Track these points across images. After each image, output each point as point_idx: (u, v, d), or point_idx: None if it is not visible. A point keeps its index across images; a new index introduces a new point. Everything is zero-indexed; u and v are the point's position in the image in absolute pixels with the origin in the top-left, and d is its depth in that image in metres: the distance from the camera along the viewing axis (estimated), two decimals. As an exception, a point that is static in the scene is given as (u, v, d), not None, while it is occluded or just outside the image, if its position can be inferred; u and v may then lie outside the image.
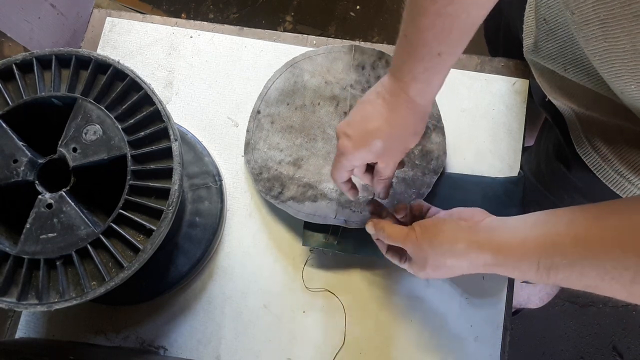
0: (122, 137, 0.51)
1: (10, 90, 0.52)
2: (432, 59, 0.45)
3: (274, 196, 0.66)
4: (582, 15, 0.44)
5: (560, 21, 0.54)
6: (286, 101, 0.69)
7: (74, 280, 0.48)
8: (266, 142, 0.68)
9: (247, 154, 0.68)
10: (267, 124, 0.68)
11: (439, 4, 0.41)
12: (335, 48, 0.70)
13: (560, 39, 0.55)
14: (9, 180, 0.49)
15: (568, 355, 1.41)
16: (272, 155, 0.67)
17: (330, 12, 1.65)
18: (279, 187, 0.66)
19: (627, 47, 0.40)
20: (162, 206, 0.49)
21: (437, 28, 0.43)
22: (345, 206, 0.65)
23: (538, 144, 0.73)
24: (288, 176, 0.66)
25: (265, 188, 0.66)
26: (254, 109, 0.69)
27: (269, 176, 0.66)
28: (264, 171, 0.67)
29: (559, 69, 0.56)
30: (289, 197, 0.65)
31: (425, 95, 0.48)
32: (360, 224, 0.64)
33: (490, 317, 0.66)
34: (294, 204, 0.65)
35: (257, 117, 0.68)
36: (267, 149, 0.67)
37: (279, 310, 0.67)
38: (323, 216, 0.64)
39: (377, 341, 0.66)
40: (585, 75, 0.52)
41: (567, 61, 0.54)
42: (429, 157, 0.66)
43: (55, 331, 0.67)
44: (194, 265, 0.66)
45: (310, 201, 0.65)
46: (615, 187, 0.54)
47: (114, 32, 0.77)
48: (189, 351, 0.66)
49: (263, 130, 0.68)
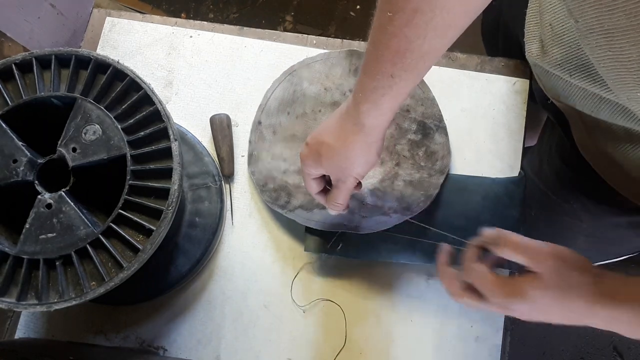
0: (121, 137, 0.51)
1: (10, 90, 0.52)
2: (383, 79, 0.42)
3: (281, 206, 0.65)
4: (585, 24, 0.43)
5: (566, 27, 0.53)
6: (287, 110, 0.69)
7: (73, 280, 0.48)
8: (269, 153, 0.67)
9: (251, 166, 0.67)
10: (269, 134, 0.68)
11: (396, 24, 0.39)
12: (333, 54, 0.70)
13: (566, 45, 0.54)
14: (8, 180, 0.49)
15: (568, 355, 1.41)
16: (276, 165, 0.67)
17: (330, 12, 1.65)
18: (286, 197, 0.65)
19: (633, 57, 0.39)
20: (161, 206, 0.49)
21: (391, 48, 0.41)
22: (354, 212, 0.64)
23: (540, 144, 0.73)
24: (294, 185, 0.65)
25: (272, 198, 0.65)
26: (255, 120, 0.69)
27: (275, 186, 0.66)
28: (269, 181, 0.66)
29: (565, 75, 0.55)
30: (297, 205, 0.65)
31: (372, 118, 0.45)
32: (371, 229, 0.63)
33: (490, 317, 0.66)
34: (303, 212, 0.64)
35: (258, 128, 0.68)
36: (270, 159, 0.67)
37: (279, 310, 0.67)
38: (333, 224, 0.64)
39: (377, 341, 0.66)
40: (591, 81, 0.52)
41: (573, 67, 0.53)
42: (434, 158, 0.66)
43: (55, 331, 0.67)
44: (194, 265, 0.66)
45: (318, 209, 0.64)
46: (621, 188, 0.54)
47: (114, 32, 0.77)
48: (189, 351, 0.66)
49: (265, 141, 0.68)
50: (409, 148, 0.66)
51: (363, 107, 0.45)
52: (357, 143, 0.48)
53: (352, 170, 0.50)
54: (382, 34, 0.41)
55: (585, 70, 0.52)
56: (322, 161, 0.50)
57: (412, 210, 0.63)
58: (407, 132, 0.67)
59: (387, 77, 0.42)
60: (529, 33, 0.62)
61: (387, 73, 0.42)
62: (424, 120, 0.67)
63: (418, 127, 0.67)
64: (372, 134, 0.47)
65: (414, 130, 0.67)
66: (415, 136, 0.67)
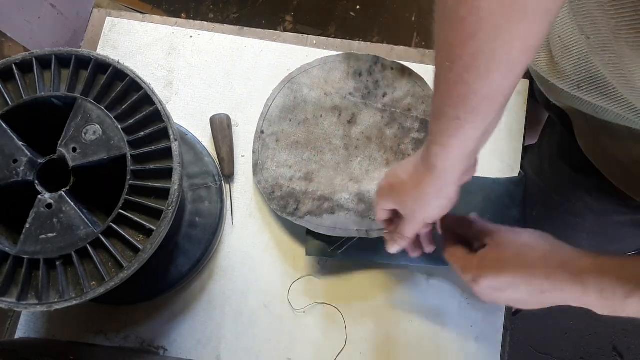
0: (122, 137, 0.51)
1: (10, 90, 0.52)
2: (448, 122, 0.42)
3: (290, 213, 0.65)
4: (598, 41, 0.43)
5: (574, 39, 0.52)
6: (288, 117, 0.69)
7: (73, 280, 0.48)
8: (274, 161, 0.67)
9: (257, 175, 0.67)
10: (273, 142, 0.68)
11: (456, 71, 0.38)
12: (330, 58, 0.70)
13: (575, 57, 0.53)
14: (8, 180, 0.49)
15: (568, 355, 1.41)
16: (282, 172, 0.67)
17: (330, 12, 1.65)
18: (294, 204, 0.65)
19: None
20: (162, 206, 0.49)
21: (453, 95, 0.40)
22: (365, 215, 0.64)
23: (541, 143, 0.72)
24: (301, 191, 0.66)
25: (280, 206, 0.65)
26: (257, 130, 0.69)
27: (282, 194, 0.66)
28: (276, 190, 0.66)
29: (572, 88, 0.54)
30: (306, 212, 0.65)
31: (441, 160, 0.44)
32: (381, 233, 0.63)
33: (490, 317, 0.66)
34: (312, 218, 0.64)
35: (261, 137, 0.68)
36: (275, 168, 0.67)
37: (279, 310, 0.67)
38: (345, 229, 0.64)
39: (377, 341, 0.66)
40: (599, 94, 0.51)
41: (581, 79, 0.53)
42: None
43: (55, 331, 0.67)
44: (194, 265, 0.66)
45: (328, 214, 0.64)
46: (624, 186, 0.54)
47: (114, 32, 0.77)
48: (189, 351, 0.66)
49: (269, 150, 0.68)
50: (413, 147, 0.67)
51: (433, 149, 0.44)
52: (428, 185, 0.47)
53: (424, 209, 0.49)
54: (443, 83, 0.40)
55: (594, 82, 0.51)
56: (394, 197, 0.50)
57: None
58: (410, 131, 0.67)
59: (452, 120, 0.41)
60: None
61: (452, 116, 0.41)
62: (426, 118, 0.67)
63: (421, 125, 0.67)
64: (443, 177, 0.46)
65: (417, 128, 0.67)
66: (419, 135, 0.67)
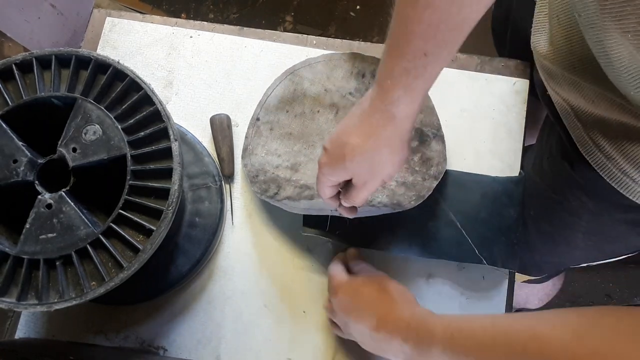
0: (121, 137, 0.51)
1: (10, 90, 0.52)
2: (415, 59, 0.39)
3: (270, 196, 0.65)
4: (587, 19, 0.43)
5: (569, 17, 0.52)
6: (285, 109, 0.69)
7: (73, 280, 0.48)
8: (264, 148, 0.67)
9: (245, 159, 0.68)
10: (266, 130, 0.68)
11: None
12: (335, 55, 0.70)
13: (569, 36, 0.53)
14: (8, 180, 0.49)
15: (568, 356, 1.40)
16: (270, 160, 0.67)
17: (330, 12, 1.65)
18: (275, 189, 0.65)
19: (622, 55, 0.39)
20: (162, 206, 0.49)
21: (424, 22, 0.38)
22: None
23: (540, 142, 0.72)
24: (285, 179, 0.66)
25: (261, 189, 0.66)
26: (253, 116, 0.69)
27: (266, 179, 0.66)
28: (260, 174, 0.66)
29: (567, 68, 0.54)
30: (285, 196, 0.65)
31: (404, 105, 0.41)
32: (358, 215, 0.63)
33: (490, 317, 0.66)
34: (289, 202, 0.65)
35: (256, 124, 0.68)
36: (264, 154, 0.67)
37: (279, 310, 0.67)
38: (319, 209, 0.64)
39: (377, 341, 0.66)
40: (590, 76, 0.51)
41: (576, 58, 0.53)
42: (428, 164, 0.66)
43: (55, 331, 0.67)
44: (194, 265, 0.66)
45: (306, 200, 0.65)
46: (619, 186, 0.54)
47: (114, 32, 0.77)
48: (189, 351, 0.66)
49: (262, 137, 0.68)
50: None
51: (393, 95, 0.41)
52: (388, 138, 0.43)
53: (383, 170, 0.46)
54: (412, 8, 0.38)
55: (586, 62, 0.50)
56: (347, 165, 0.46)
57: (402, 206, 0.63)
58: None
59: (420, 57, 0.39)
60: (537, 24, 0.61)
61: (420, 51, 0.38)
62: (422, 128, 0.67)
63: (415, 134, 0.67)
64: (404, 125, 0.43)
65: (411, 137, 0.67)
66: (412, 143, 0.67)
